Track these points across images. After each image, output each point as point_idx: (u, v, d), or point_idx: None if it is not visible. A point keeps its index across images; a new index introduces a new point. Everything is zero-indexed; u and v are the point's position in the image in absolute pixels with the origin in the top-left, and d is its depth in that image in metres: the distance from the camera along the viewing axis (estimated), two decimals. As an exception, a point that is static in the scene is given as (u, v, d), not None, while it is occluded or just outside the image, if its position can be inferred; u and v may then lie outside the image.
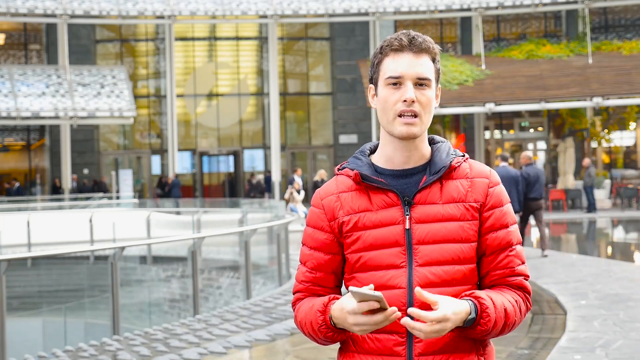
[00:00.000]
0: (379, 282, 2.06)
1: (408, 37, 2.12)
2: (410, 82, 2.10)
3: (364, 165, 2.17)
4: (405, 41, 2.12)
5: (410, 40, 2.12)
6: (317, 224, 2.19)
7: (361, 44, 30.88)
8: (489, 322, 2.02)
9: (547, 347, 7.22)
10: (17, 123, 27.53)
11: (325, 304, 2.09)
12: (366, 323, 1.97)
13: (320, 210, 2.19)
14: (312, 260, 2.20)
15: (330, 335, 2.10)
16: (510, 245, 2.13)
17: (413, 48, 2.11)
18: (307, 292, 2.21)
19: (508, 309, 2.07)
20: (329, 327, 2.08)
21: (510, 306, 2.08)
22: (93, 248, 14.80)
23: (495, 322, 2.03)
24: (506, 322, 2.06)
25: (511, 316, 2.08)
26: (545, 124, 32.50)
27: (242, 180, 32.75)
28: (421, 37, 2.13)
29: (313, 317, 2.11)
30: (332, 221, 2.17)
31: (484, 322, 2.02)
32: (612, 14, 32.08)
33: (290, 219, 13.77)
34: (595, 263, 12.80)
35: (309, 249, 2.20)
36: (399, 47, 2.12)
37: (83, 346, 7.95)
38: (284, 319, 8.86)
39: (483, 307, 2.01)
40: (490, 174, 2.16)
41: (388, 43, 2.14)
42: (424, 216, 2.10)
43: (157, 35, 32.38)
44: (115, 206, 25.37)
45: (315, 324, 2.10)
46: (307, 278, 2.20)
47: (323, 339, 2.13)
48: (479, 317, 2.01)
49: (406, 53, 2.11)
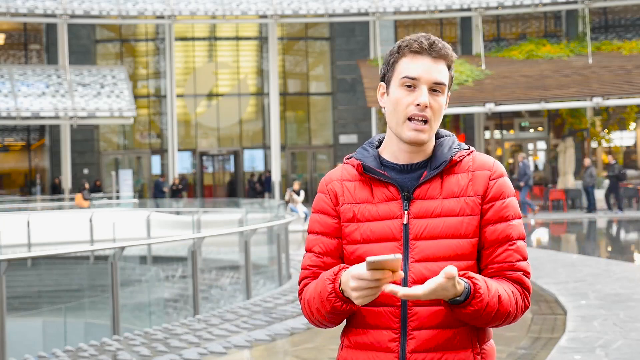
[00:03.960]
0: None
1: (428, 41, 2.11)
2: (426, 86, 2.09)
3: (370, 157, 2.17)
4: (426, 44, 2.10)
5: (430, 45, 2.10)
6: (324, 208, 2.19)
7: (361, 44, 30.88)
8: (481, 303, 1.97)
9: (547, 347, 7.22)
10: (17, 123, 27.53)
11: (336, 273, 2.04)
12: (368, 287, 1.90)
13: (325, 195, 2.19)
14: (318, 244, 2.17)
15: (338, 305, 2.02)
16: (509, 240, 2.08)
17: (432, 53, 2.10)
18: (314, 277, 2.16)
19: (502, 296, 2.01)
20: (337, 295, 2.02)
21: (505, 295, 2.03)
22: (93, 248, 14.80)
23: (487, 304, 1.97)
24: (500, 309, 2.01)
25: (505, 304, 2.02)
26: (545, 124, 32.50)
27: (242, 180, 32.75)
28: (441, 42, 2.12)
29: (322, 287, 2.05)
30: (336, 206, 2.16)
31: (476, 302, 1.96)
32: (612, 14, 32.08)
33: (290, 219, 13.77)
34: (595, 263, 12.80)
35: (316, 235, 2.18)
36: (418, 50, 2.10)
37: (83, 346, 7.95)
38: (284, 319, 8.86)
39: (476, 287, 1.97)
40: (493, 165, 2.13)
41: (407, 44, 2.12)
42: (423, 211, 2.08)
43: (157, 35, 32.38)
44: (115, 206, 25.37)
45: (324, 293, 2.04)
46: (314, 263, 2.17)
47: (331, 310, 2.04)
48: (471, 297, 1.96)
49: (425, 56, 2.10)
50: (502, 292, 2.02)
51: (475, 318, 2.00)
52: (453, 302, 1.97)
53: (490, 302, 1.98)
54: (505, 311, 2.02)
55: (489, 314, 2.00)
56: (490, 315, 2.00)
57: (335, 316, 2.07)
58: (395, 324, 2.05)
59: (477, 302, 1.97)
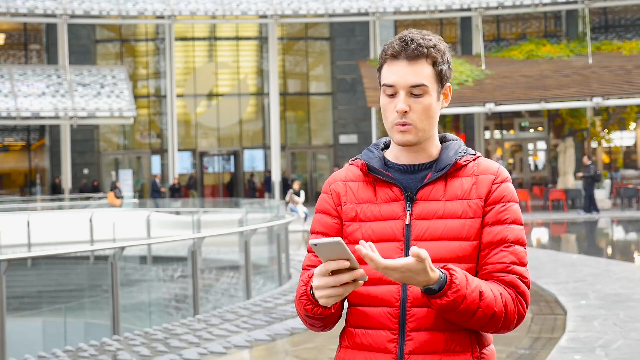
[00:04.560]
0: (375, 275, 2.03)
1: (401, 44, 2.07)
2: (403, 91, 2.07)
3: (375, 158, 2.17)
4: (398, 48, 2.07)
5: (403, 47, 2.07)
6: (325, 208, 2.19)
7: (361, 44, 30.88)
8: (457, 294, 1.91)
9: (547, 347, 7.22)
10: (17, 123, 27.54)
11: (310, 275, 2.03)
12: (327, 285, 1.90)
13: (328, 195, 2.20)
14: None
15: (309, 308, 2.00)
16: (504, 242, 2.05)
17: (407, 55, 2.07)
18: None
19: (486, 294, 1.96)
20: (308, 298, 2.00)
21: (490, 293, 1.97)
22: (93, 248, 14.80)
23: (465, 297, 1.92)
24: (481, 307, 1.95)
25: (489, 303, 1.96)
26: (545, 124, 32.51)
27: (242, 180, 32.76)
28: (417, 41, 2.07)
29: (298, 289, 2.06)
30: (338, 206, 2.17)
31: (452, 292, 1.91)
32: (612, 14, 32.08)
33: (290, 219, 13.77)
34: (595, 263, 12.79)
35: (316, 235, 2.18)
36: (394, 54, 2.08)
37: (83, 346, 7.95)
38: (284, 319, 8.86)
39: (452, 278, 1.92)
40: (498, 170, 2.12)
41: (386, 48, 2.11)
42: (425, 212, 2.08)
43: (157, 35, 32.39)
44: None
45: (297, 295, 2.05)
46: (313, 262, 2.15)
47: (304, 312, 2.03)
48: (447, 287, 1.91)
49: (401, 60, 2.08)
50: (486, 289, 1.97)
51: (454, 311, 1.94)
52: (427, 292, 1.93)
53: (468, 295, 1.93)
54: (489, 311, 1.96)
55: (470, 310, 1.94)
56: (471, 311, 1.95)
57: (312, 320, 2.06)
58: (394, 324, 2.04)
59: (453, 293, 1.91)
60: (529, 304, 2.06)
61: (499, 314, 1.98)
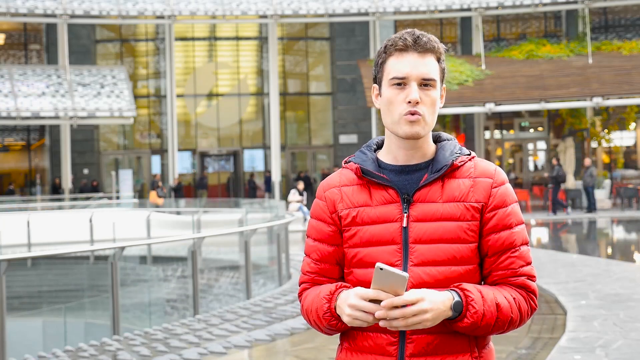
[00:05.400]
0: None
1: (412, 37, 2.09)
2: (415, 82, 2.07)
3: (368, 160, 2.16)
4: (410, 41, 2.09)
5: (414, 40, 2.09)
6: (320, 215, 2.19)
7: (361, 44, 30.87)
8: (477, 315, 1.97)
9: (547, 347, 7.22)
10: (17, 123, 27.54)
11: (332, 292, 2.08)
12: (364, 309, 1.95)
13: (322, 202, 2.19)
14: (316, 251, 2.19)
15: (334, 323, 2.08)
16: (513, 247, 2.09)
17: (418, 48, 2.09)
18: (313, 283, 2.20)
19: (502, 304, 2.01)
20: (333, 315, 2.06)
21: (504, 302, 2.02)
22: (93, 248, 14.80)
23: (484, 315, 1.98)
24: (500, 317, 2.01)
25: (506, 312, 2.02)
26: (545, 124, 32.50)
27: (242, 180, 32.75)
28: (426, 36, 2.10)
29: (319, 304, 2.09)
30: (333, 213, 2.16)
31: (471, 314, 1.97)
32: (612, 14, 32.07)
33: (290, 219, 13.77)
34: (595, 263, 12.80)
35: (313, 241, 2.20)
36: (403, 47, 2.09)
37: (83, 346, 7.95)
38: (284, 319, 8.86)
39: (469, 299, 1.97)
40: (495, 173, 2.12)
41: (392, 42, 2.11)
42: (423, 214, 2.07)
43: (157, 35, 32.38)
44: (115, 206, 25.35)
45: (320, 311, 2.08)
46: (312, 269, 2.19)
47: (327, 327, 2.10)
48: (465, 309, 1.97)
49: (411, 53, 2.09)
50: (502, 299, 2.02)
51: (474, 330, 2.01)
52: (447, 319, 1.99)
53: (486, 312, 1.99)
54: (505, 319, 2.03)
55: (488, 324, 2.00)
56: (490, 325, 2.01)
57: (333, 331, 2.12)
58: None
59: (472, 315, 1.98)
60: (537, 296, 2.13)
61: (515, 318, 2.06)
